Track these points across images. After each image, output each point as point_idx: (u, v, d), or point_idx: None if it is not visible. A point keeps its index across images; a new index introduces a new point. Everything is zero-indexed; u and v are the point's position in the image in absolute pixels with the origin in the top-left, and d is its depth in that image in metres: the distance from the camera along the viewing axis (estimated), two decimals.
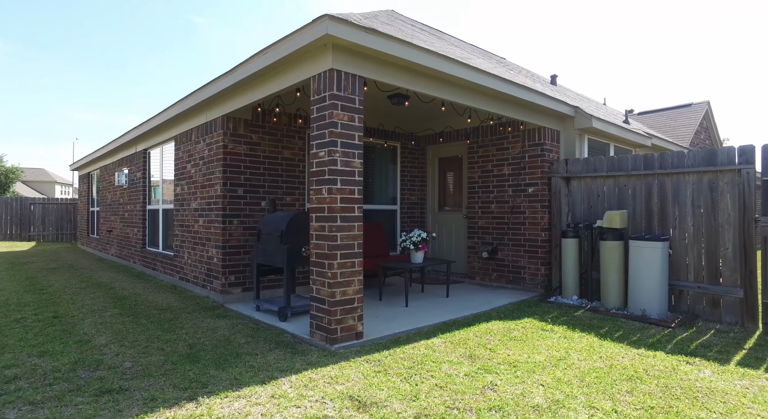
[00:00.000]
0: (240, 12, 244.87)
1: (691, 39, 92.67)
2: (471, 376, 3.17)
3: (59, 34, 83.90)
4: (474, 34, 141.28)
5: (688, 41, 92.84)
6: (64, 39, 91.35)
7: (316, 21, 3.65)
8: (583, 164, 5.92)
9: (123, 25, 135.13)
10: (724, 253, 4.70)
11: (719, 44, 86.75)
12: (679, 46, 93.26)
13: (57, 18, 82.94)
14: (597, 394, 2.87)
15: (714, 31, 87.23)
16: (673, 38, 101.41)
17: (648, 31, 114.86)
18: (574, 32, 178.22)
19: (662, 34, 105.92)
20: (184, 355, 3.61)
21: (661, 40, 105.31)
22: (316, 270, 3.95)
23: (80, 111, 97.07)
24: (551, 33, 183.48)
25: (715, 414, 2.59)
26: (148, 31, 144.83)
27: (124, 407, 2.66)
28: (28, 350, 3.71)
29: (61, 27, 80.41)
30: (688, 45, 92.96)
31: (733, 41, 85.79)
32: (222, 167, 5.65)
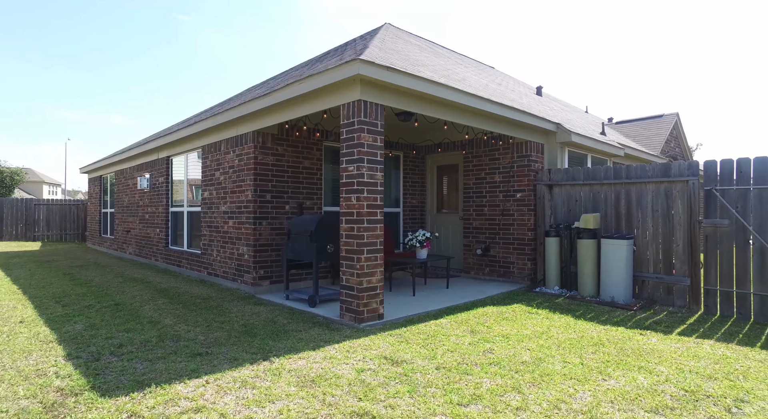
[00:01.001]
0: (227, 10, 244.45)
1: (671, 49, 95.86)
2: (474, 344, 4.10)
3: (42, 30, 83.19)
4: (462, 41, 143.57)
5: (669, 51, 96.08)
6: (46, 35, 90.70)
7: (350, 63, 4.55)
8: (563, 174, 6.91)
9: (105, 22, 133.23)
10: (676, 249, 5.71)
11: (697, 55, 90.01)
12: (661, 56, 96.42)
13: (38, 14, 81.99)
14: (569, 354, 3.82)
15: (693, 43, 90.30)
16: (655, 48, 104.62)
17: (632, 41, 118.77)
18: (562, 40, 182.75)
19: (645, 44, 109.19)
20: (242, 332, 4.47)
21: (643, 50, 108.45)
22: (346, 264, 4.85)
23: (63, 109, 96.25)
24: (538, 41, 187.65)
25: (650, 363, 3.56)
26: (132, 29, 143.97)
27: (216, 363, 3.53)
28: (116, 328, 4.54)
29: (42, 24, 79.74)
30: (668, 55, 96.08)
31: (709, 53, 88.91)
32: (253, 176, 6.51)
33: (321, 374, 3.31)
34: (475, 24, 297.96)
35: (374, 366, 3.49)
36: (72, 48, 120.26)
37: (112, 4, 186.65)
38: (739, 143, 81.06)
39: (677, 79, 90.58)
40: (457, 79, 6.94)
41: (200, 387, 3.06)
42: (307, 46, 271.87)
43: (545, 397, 2.91)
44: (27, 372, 3.32)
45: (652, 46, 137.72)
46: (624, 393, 2.98)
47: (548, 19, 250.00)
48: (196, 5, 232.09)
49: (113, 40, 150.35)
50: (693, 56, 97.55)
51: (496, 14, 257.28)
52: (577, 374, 3.33)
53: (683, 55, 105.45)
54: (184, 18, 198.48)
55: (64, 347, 3.91)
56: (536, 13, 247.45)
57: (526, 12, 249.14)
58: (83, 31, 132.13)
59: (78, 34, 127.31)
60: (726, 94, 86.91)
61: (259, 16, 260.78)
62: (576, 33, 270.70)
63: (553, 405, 2.79)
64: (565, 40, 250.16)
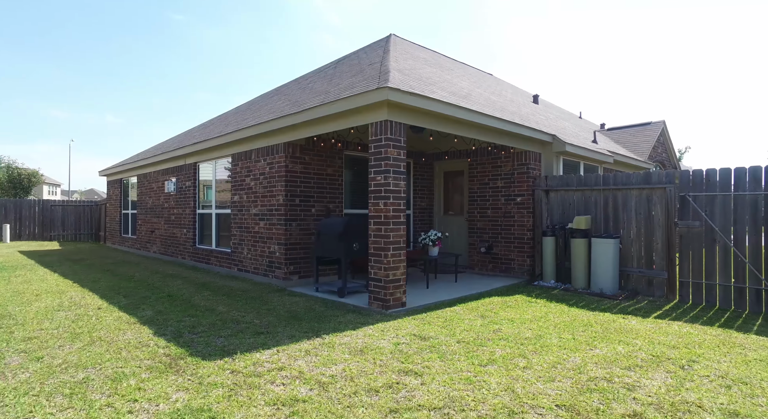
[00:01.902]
0: (222, 8, 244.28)
1: (663, 54, 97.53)
2: (484, 325, 4.95)
3: (28, 27, 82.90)
4: (458, 39, 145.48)
5: (661, 55, 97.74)
6: (34, 33, 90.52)
7: (380, 90, 5.38)
8: (559, 180, 7.78)
9: (96, 21, 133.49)
10: (656, 247, 6.60)
11: (688, 60, 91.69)
12: (653, 60, 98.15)
13: (25, 10, 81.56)
14: (564, 332, 4.68)
15: (685, 47, 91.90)
16: (648, 52, 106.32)
17: (626, 43, 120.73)
18: (559, 40, 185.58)
19: (639, 47, 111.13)
20: (288, 317, 5.30)
21: (636, 53, 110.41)
22: (374, 259, 5.69)
23: (54, 108, 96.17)
24: (533, 44, 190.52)
25: (628, 338, 4.43)
26: (125, 28, 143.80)
27: (278, 339, 4.36)
28: (180, 314, 5.36)
29: (29, 20, 79.53)
30: (661, 59, 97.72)
31: (700, 57, 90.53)
32: (284, 182, 7.34)
33: (366, 346, 4.15)
34: (466, 23, 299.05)
35: (407, 341, 4.33)
36: (62, 46, 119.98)
37: (104, 4, 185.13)
38: (726, 144, 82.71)
39: (669, 84, 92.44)
40: (463, 95, 7.80)
41: (274, 355, 3.89)
42: (304, 46, 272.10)
43: (545, 360, 3.77)
44: (133, 343, 4.14)
45: (645, 50, 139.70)
46: (606, 357, 3.84)
47: (543, 21, 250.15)
48: (189, 4, 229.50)
49: (105, 39, 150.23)
50: (684, 61, 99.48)
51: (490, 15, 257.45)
52: (570, 346, 4.19)
53: (675, 60, 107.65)
54: (178, 17, 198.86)
55: (147, 327, 4.73)
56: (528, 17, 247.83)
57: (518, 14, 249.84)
58: (75, 30, 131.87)
59: (69, 34, 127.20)
60: (715, 97, 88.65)
61: (252, 15, 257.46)
62: (574, 33, 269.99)
63: (551, 365, 3.65)
64: (562, 41, 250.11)
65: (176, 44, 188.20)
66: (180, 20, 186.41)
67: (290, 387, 3.18)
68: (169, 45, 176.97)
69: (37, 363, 3.63)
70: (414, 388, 3.16)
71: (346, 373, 3.45)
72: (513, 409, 2.84)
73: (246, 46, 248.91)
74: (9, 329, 4.63)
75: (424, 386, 3.20)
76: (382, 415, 2.76)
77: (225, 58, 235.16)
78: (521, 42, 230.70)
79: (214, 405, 2.87)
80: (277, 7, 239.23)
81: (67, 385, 3.17)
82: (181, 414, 2.75)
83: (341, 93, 6.36)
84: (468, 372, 3.49)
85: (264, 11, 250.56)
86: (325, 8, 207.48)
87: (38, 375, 3.37)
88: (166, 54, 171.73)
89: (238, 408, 2.84)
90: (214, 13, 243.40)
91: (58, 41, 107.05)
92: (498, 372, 3.48)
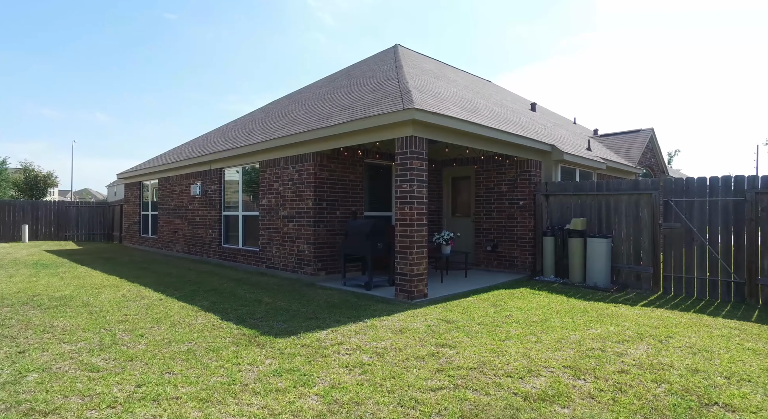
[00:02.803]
0: (215, 8, 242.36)
1: (654, 59, 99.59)
2: (497, 312, 5.83)
3: (18, 24, 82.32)
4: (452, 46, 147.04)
5: (652, 60, 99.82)
6: (24, 30, 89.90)
7: (407, 110, 6.25)
8: (557, 186, 8.69)
9: (87, 20, 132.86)
10: (643, 246, 7.52)
11: (677, 66, 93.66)
12: (644, 65, 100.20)
13: (15, 7, 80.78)
14: (564, 317, 5.57)
15: (674, 53, 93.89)
16: (639, 57, 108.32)
17: (620, 46, 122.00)
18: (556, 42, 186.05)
19: (631, 51, 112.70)
20: (327, 306, 6.15)
21: (628, 57, 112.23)
22: (400, 256, 6.56)
23: (44, 106, 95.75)
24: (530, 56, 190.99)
25: (618, 321, 5.33)
26: (117, 27, 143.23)
27: (328, 323, 5.21)
28: (233, 304, 6.19)
29: (19, 17, 78.96)
30: (652, 64, 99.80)
31: (690, 64, 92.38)
32: (313, 188, 8.18)
33: (403, 327, 5.02)
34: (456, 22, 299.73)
35: (435, 323, 5.21)
36: (53, 44, 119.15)
37: (96, 2, 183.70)
38: (715, 146, 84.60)
39: (660, 88, 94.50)
40: (472, 109, 8.69)
41: (330, 334, 4.74)
42: (297, 45, 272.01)
43: (551, 337, 4.66)
44: (208, 326, 4.98)
45: (636, 55, 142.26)
46: (600, 335, 4.74)
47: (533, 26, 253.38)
48: (182, 3, 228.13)
49: (97, 37, 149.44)
50: (674, 66, 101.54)
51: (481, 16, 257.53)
52: (570, 327, 5.08)
53: (666, 65, 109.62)
54: (171, 17, 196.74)
55: (212, 314, 5.56)
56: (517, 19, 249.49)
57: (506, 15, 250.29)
58: (67, 28, 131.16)
59: (61, 32, 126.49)
60: (704, 101, 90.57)
61: (245, 14, 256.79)
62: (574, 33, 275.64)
63: (557, 340, 4.54)
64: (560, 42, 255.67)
65: (169, 43, 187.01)
66: (173, 19, 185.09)
67: (353, 355, 4.04)
68: (162, 44, 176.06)
69: (143, 338, 4.46)
70: (451, 356, 4.03)
71: (394, 346, 4.32)
72: (530, 368, 3.72)
73: (239, 45, 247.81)
74: (99, 314, 5.45)
75: (458, 354, 4.07)
76: (432, 373, 3.62)
77: (218, 57, 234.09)
78: (514, 44, 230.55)
79: (300, 368, 3.72)
80: (270, 6, 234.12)
81: (180, 353, 4.01)
82: (279, 372, 3.60)
83: (368, 110, 7.22)
84: (491, 345, 4.37)
85: (257, 10, 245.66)
86: (317, 7, 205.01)
87: (152, 346, 4.20)
88: (159, 53, 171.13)
89: (319, 370, 3.69)
90: (207, 12, 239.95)
91: (49, 39, 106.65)
92: (515, 345, 4.36)
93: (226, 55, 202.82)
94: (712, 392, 3.23)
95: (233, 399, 3.07)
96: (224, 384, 3.34)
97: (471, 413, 2.90)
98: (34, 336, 4.51)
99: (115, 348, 4.15)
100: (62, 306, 5.90)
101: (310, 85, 15.58)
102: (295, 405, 3.00)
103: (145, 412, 2.86)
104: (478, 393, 3.22)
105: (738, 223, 6.57)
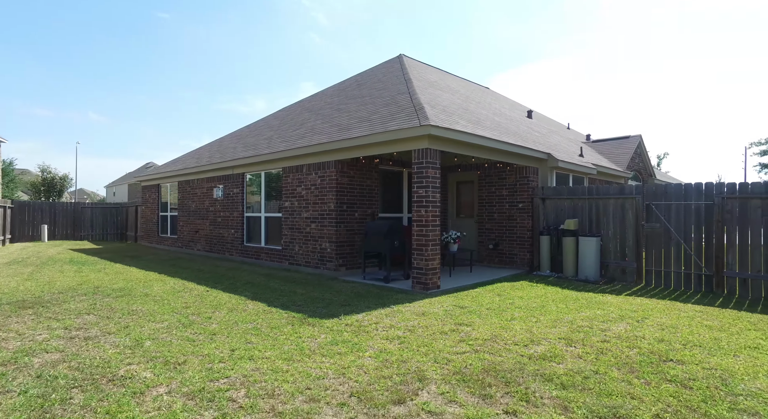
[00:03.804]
0: (209, 7, 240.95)
1: (643, 64, 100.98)
2: (502, 300, 6.81)
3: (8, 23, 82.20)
4: (445, 45, 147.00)
5: (641, 65, 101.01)
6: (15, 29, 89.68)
7: (423, 126, 7.21)
8: (553, 190, 9.70)
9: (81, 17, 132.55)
10: (628, 243, 8.54)
11: (665, 72, 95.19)
12: (634, 69, 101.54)
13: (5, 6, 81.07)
14: (559, 303, 6.56)
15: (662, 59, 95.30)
16: (628, 61, 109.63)
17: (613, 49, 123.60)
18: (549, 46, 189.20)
19: (622, 54, 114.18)
20: (354, 295, 7.10)
21: (619, 61, 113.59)
22: (416, 252, 7.52)
23: (34, 106, 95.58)
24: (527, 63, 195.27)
25: (605, 306, 6.34)
26: (108, 27, 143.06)
27: (360, 309, 6.16)
28: (273, 294, 7.12)
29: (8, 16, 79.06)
30: (641, 68, 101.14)
31: (678, 69, 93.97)
32: (335, 192, 9.13)
33: (425, 311, 5.98)
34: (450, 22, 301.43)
35: (451, 308, 6.18)
36: (45, 44, 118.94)
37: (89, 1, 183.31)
38: (703, 149, 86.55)
39: (651, 93, 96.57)
40: (476, 121, 9.68)
41: (365, 317, 5.69)
42: (292, 44, 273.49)
43: (548, 318, 5.64)
44: (260, 312, 5.91)
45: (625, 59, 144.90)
46: (588, 316, 5.73)
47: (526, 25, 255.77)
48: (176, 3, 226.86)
49: (90, 36, 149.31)
50: (663, 70, 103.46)
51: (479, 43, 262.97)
52: (564, 311, 6.08)
53: (655, 69, 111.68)
54: (164, 16, 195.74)
55: (258, 302, 6.50)
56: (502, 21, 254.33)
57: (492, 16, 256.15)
58: (58, 27, 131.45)
59: (53, 31, 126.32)
60: (693, 105, 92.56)
61: (239, 13, 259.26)
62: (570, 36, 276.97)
63: (553, 320, 5.52)
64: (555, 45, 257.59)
65: (162, 42, 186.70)
66: (166, 18, 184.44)
67: (390, 331, 5.00)
68: (155, 43, 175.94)
69: (211, 320, 5.40)
70: (469, 332, 5.01)
71: (421, 325, 5.28)
72: (532, 339, 4.70)
73: (232, 44, 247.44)
74: (163, 302, 6.38)
75: (474, 330, 5.05)
76: (455, 342, 4.59)
77: (212, 56, 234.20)
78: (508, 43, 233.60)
79: (350, 340, 4.68)
80: (264, 6, 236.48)
81: (249, 330, 4.96)
82: (335, 342, 4.55)
83: (387, 125, 8.18)
84: (499, 324, 5.35)
85: (251, 9, 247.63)
86: (311, 7, 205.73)
87: (223, 325, 5.15)
88: (152, 52, 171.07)
89: (366, 341, 4.64)
90: (200, 12, 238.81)
91: (40, 38, 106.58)
92: (519, 324, 5.34)
93: (220, 54, 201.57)
94: (670, 353, 4.22)
95: (309, 359, 4.02)
96: (296, 350, 4.29)
97: (490, 366, 3.87)
98: (125, 318, 5.44)
99: (195, 326, 5.09)
100: (127, 296, 6.82)
101: (319, 93, 16.51)
102: (357, 362, 3.96)
103: (249, 365, 3.81)
104: (493, 355, 4.19)
105: (708, 224, 7.60)
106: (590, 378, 3.59)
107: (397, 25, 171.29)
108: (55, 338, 4.59)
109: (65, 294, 6.91)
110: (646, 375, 3.66)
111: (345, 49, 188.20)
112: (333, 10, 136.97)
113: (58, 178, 26.76)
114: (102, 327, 4.99)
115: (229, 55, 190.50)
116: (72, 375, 3.58)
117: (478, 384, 3.47)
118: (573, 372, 3.72)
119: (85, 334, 4.74)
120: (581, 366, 3.90)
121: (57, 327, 4.98)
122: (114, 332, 4.80)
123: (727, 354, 4.22)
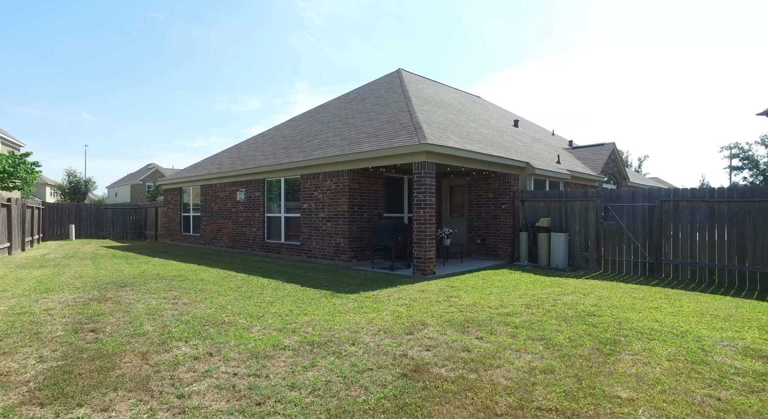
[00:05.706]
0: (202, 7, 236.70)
1: (630, 67, 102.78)
2: (484, 282, 8.59)
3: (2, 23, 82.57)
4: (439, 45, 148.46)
5: (628, 69, 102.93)
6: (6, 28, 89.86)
7: (422, 145, 8.99)
8: (530, 194, 11.51)
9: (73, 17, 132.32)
10: (590, 238, 10.36)
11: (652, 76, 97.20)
12: (623, 72, 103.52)
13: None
14: (530, 284, 8.36)
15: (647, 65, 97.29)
16: (614, 64, 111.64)
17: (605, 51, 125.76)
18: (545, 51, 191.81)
19: (612, 57, 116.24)
20: (367, 280, 8.86)
21: (608, 64, 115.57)
22: (417, 245, 9.30)
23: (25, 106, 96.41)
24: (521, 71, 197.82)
25: (566, 286, 8.15)
26: (101, 26, 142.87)
27: (373, 288, 7.92)
28: (301, 279, 8.87)
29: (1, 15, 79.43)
30: (629, 71, 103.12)
31: (664, 74, 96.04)
32: (348, 196, 10.90)
33: (424, 289, 7.76)
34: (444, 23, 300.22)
35: (444, 287, 7.96)
36: (37, 43, 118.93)
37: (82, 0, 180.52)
38: (682, 150, 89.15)
39: (633, 98, 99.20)
40: (465, 135, 11.48)
41: (379, 292, 7.46)
42: (286, 44, 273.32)
43: (518, 293, 7.43)
44: (297, 290, 7.66)
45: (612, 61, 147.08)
46: (549, 292, 7.53)
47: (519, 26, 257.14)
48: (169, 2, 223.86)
49: (82, 36, 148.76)
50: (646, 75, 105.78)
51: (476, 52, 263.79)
52: (531, 289, 7.87)
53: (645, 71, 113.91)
54: (157, 15, 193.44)
55: (293, 284, 8.25)
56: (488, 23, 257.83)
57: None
58: (51, 26, 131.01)
59: (45, 30, 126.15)
60: (674, 106, 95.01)
61: (233, 13, 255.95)
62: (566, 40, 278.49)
63: (521, 294, 7.31)
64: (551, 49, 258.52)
65: (155, 42, 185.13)
66: (159, 18, 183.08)
67: (399, 301, 6.77)
68: (148, 43, 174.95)
69: (263, 295, 7.16)
70: (456, 301, 6.79)
71: (421, 297, 7.06)
72: (502, 304, 6.49)
73: (226, 44, 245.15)
74: (219, 284, 8.12)
75: (460, 300, 6.83)
76: (446, 307, 6.37)
77: (205, 56, 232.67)
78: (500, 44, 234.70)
79: (371, 305, 6.43)
80: (259, 6, 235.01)
81: (295, 300, 6.72)
82: (360, 307, 6.31)
83: (392, 141, 9.96)
84: (480, 296, 7.14)
85: (245, 9, 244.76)
86: (305, 8, 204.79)
87: (274, 298, 6.90)
88: (145, 52, 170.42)
89: (382, 306, 6.40)
90: (194, 11, 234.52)
91: (32, 37, 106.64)
92: (494, 297, 7.14)
93: (213, 54, 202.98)
94: (596, 311, 6.03)
95: (345, 315, 5.79)
96: (335, 311, 6.06)
97: (470, 319, 5.66)
98: (199, 294, 7.20)
99: (254, 298, 6.86)
100: (187, 280, 8.56)
101: (326, 104, 18.25)
102: (378, 317, 5.73)
103: (306, 318, 5.58)
104: (472, 313, 5.98)
105: (651, 222, 9.43)
106: (534, 324, 5.39)
107: (390, 25, 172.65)
108: (164, 302, 6.36)
109: (139, 279, 8.65)
110: (571, 322, 5.47)
111: (339, 50, 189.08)
112: (327, 10, 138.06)
113: (83, 182, 28.34)
114: (190, 298, 6.76)
115: (223, 54, 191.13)
116: (196, 320, 5.35)
117: (460, 326, 5.26)
118: (524, 321, 5.52)
119: (183, 302, 6.51)
120: (531, 318, 5.70)
121: (157, 297, 6.74)
122: (200, 301, 6.57)
123: (634, 311, 6.04)
